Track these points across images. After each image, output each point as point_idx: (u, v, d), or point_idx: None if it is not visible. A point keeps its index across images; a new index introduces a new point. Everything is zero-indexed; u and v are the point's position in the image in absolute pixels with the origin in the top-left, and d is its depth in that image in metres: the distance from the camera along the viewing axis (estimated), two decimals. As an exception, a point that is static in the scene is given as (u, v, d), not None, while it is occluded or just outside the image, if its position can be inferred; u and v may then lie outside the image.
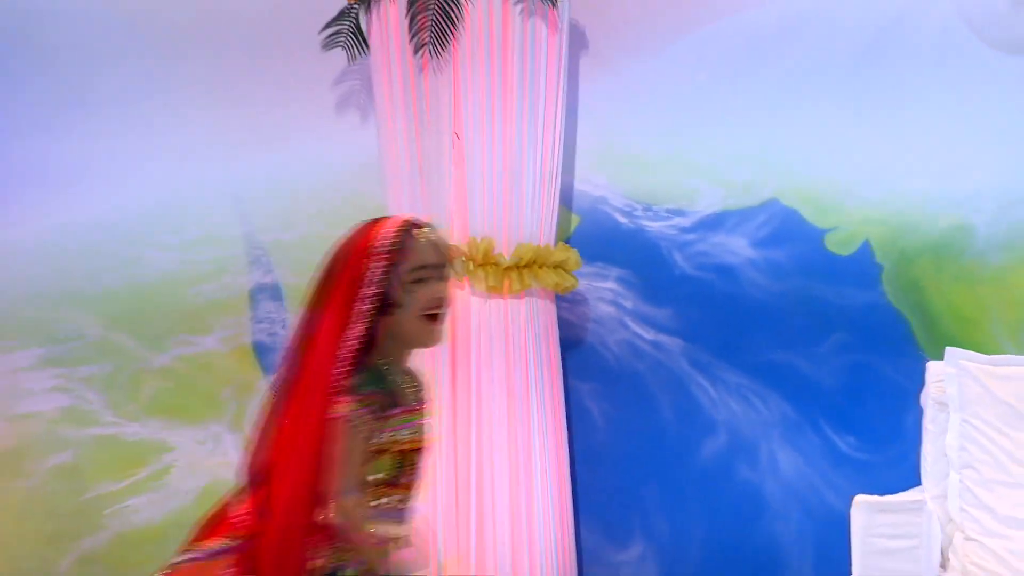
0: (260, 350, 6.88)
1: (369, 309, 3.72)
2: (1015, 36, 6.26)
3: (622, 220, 6.60)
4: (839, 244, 6.36)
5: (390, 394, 3.72)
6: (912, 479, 5.92)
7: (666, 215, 6.56)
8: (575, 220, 6.60)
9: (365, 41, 6.49)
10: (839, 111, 6.39)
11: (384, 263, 3.74)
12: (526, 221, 6.31)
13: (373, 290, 3.73)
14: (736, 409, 6.42)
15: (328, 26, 6.54)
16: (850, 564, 5.40)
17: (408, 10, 6.24)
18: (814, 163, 6.42)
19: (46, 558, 6.88)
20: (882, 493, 5.52)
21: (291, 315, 6.76)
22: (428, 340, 3.81)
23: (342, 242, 3.79)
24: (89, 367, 6.91)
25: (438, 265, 3.82)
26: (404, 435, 3.73)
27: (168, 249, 6.90)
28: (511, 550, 6.25)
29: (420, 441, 3.78)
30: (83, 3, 6.99)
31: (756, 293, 6.44)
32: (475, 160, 6.26)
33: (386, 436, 3.70)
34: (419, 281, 3.77)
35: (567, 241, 6.51)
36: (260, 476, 3.70)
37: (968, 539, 5.68)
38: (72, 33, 6.97)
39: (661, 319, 6.53)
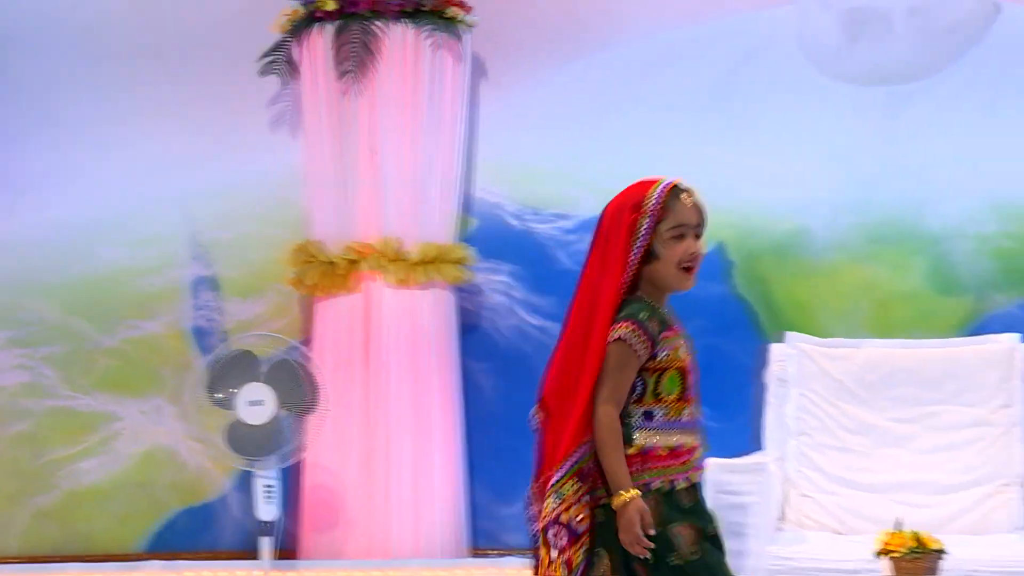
0: (198, 334, 7.19)
1: (636, 258, 3.88)
2: (846, 68, 6.96)
3: (514, 223, 7.08)
4: (698, 245, 7.06)
5: (661, 320, 3.88)
6: (755, 444, 6.50)
7: (552, 219, 7.06)
8: (473, 223, 7.04)
9: (296, 68, 6.90)
10: (698, 131, 6.97)
11: (650, 220, 3.91)
12: (431, 223, 6.82)
13: (640, 242, 3.89)
14: (609, 384, 6.98)
15: (265, 55, 6.95)
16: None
17: (334, 41, 6.70)
18: (676, 174, 6.89)
19: (7, 513, 7.14)
20: (730, 456, 5.97)
21: (226, 304, 7.19)
22: (681, 287, 3.94)
23: (618, 198, 3.96)
24: (48, 347, 7.20)
25: (695, 224, 3.94)
26: (681, 353, 3.91)
27: (120, 245, 7.20)
28: (413, 505, 6.72)
29: (690, 358, 3.94)
30: (48, 35, 7.24)
31: (627, 286, 7.03)
32: (388, 171, 6.75)
33: (662, 355, 3.87)
34: (677, 237, 3.91)
35: (466, 241, 6.96)
36: (545, 396, 3.91)
37: (803, 496, 6.29)
38: (38, 60, 7.22)
39: (546, 307, 6.98)
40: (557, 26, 7.14)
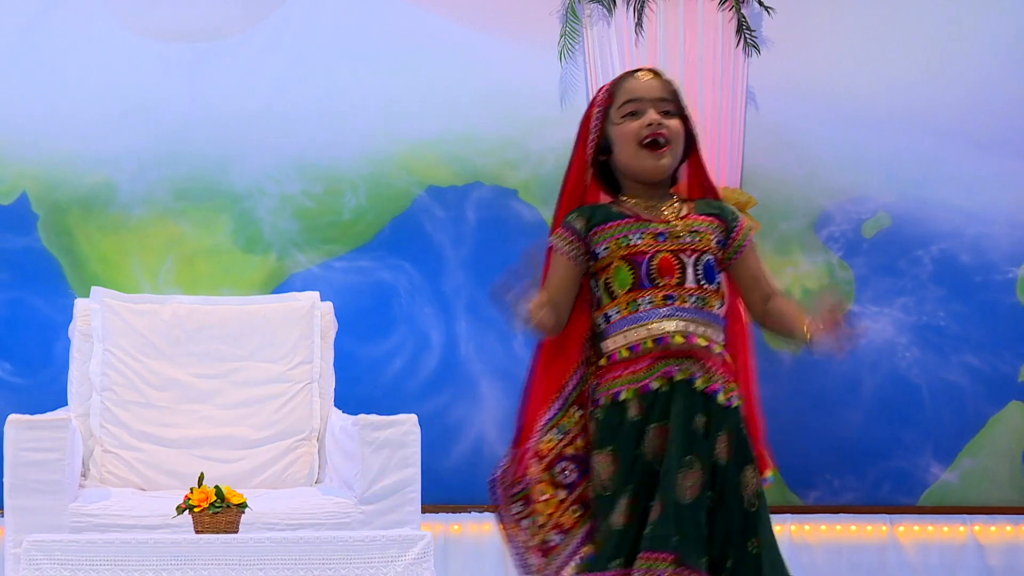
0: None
1: (592, 155, 3.69)
2: (150, 24, 7.01)
3: None
4: (1, 195, 6.87)
5: (594, 216, 3.67)
6: (61, 401, 6.50)
7: None
8: None
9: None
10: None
11: (600, 109, 3.67)
12: None
13: (592, 136, 3.68)
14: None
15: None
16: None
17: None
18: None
19: None
20: (35, 413, 5.96)
21: None
22: (647, 166, 3.67)
23: None
24: None
25: (653, 99, 3.65)
26: (629, 241, 3.63)
27: None
28: None
29: (658, 244, 3.66)
30: None
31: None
32: None
33: (601, 250, 3.66)
34: (630, 115, 3.65)
35: None
36: None
37: (106, 451, 6.31)
38: None
39: None
40: None
